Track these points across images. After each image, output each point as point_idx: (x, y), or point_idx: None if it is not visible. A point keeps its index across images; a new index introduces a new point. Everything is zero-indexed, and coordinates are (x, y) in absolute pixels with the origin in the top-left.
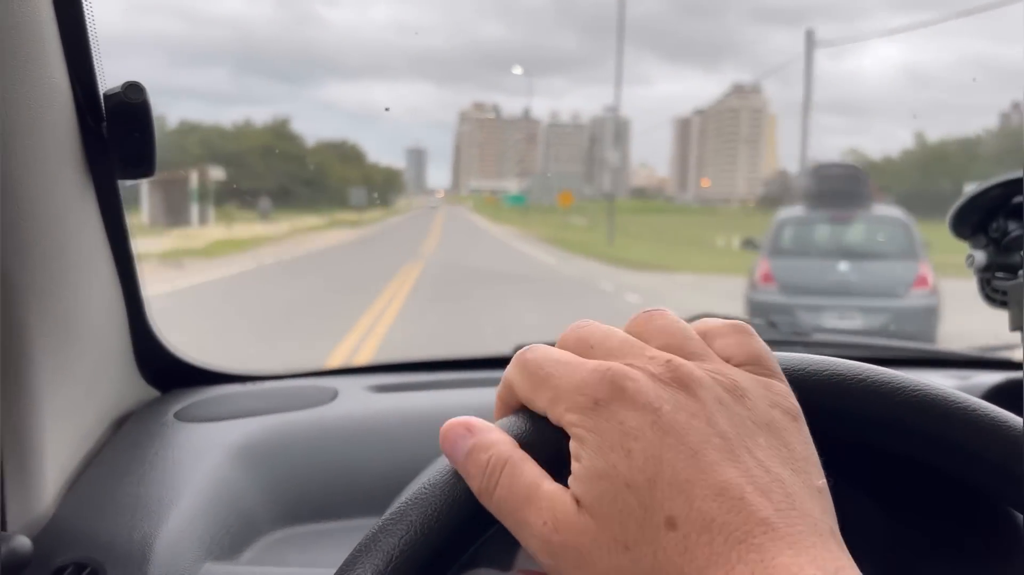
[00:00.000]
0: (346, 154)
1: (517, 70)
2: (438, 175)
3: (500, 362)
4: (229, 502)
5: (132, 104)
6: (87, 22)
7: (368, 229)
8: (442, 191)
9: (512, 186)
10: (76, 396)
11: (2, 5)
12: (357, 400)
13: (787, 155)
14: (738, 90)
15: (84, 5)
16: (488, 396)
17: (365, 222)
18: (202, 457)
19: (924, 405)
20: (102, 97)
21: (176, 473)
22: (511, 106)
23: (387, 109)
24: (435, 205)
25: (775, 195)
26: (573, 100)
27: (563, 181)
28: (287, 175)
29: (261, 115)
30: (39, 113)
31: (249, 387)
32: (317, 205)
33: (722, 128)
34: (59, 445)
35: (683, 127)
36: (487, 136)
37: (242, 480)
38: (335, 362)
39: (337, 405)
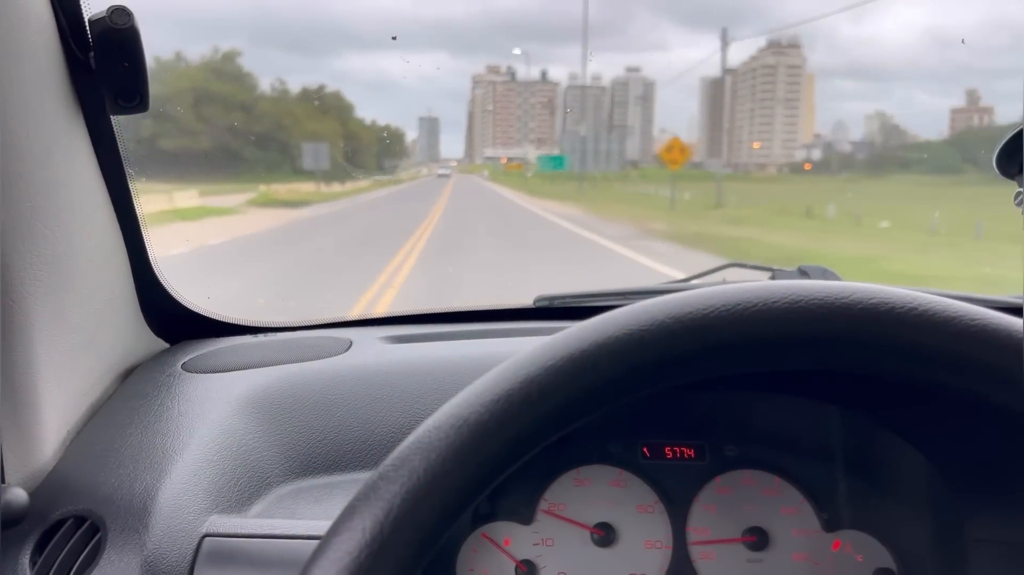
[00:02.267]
0: (323, 104)
1: (516, 51)
2: (452, 146)
3: (518, 313)
4: (237, 454)
5: (119, 30)
6: None
7: (321, 209)
8: (455, 162)
9: (529, 153)
10: (77, 346)
11: None
12: (372, 351)
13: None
14: (774, 45)
15: None
16: (506, 347)
17: (325, 198)
18: (209, 408)
19: (986, 335)
20: (87, 23)
21: (182, 424)
22: (526, 73)
23: (394, 38)
24: (447, 173)
25: (817, 160)
26: (590, 68)
27: (585, 147)
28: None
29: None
30: (17, 37)
31: (261, 338)
32: (254, 171)
33: (756, 88)
34: (59, 397)
35: (713, 89)
36: (502, 101)
37: (251, 432)
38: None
39: (351, 356)
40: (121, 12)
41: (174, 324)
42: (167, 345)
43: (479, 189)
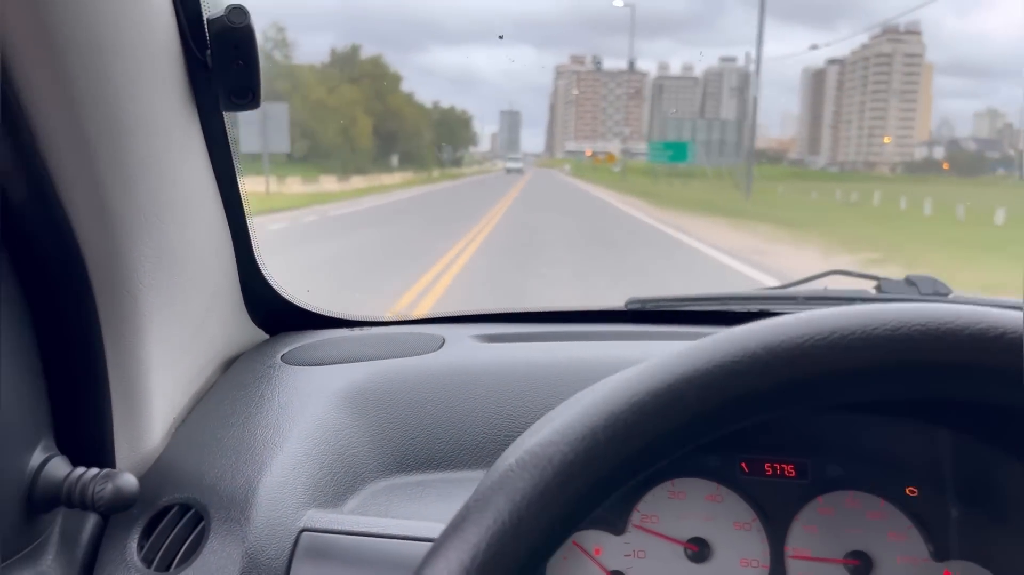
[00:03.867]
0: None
1: (618, 2)
2: (533, 140)
3: (610, 315)
4: (335, 448)
5: (235, 28)
6: None
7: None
8: (532, 155)
9: (613, 147)
10: (185, 335)
11: None
12: (464, 349)
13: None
14: (890, 32)
15: None
16: (598, 351)
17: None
18: (308, 401)
19: None
20: (206, 22)
21: (282, 417)
22: (612, 65)
23: (500, 37)
24: (517, 167)
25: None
26: (680, 60)
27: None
28: None
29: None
30: (142, 37)
31: (356, 332)
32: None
33: (868, 79)
34: (167, 385)
35: (815, 80)
36: (585, 92)
37: (348, 426)
38: None
39: (444, 353)
40: (238, 11)
41: (274, 315)
42: (266, 336)
43: (558, 190)
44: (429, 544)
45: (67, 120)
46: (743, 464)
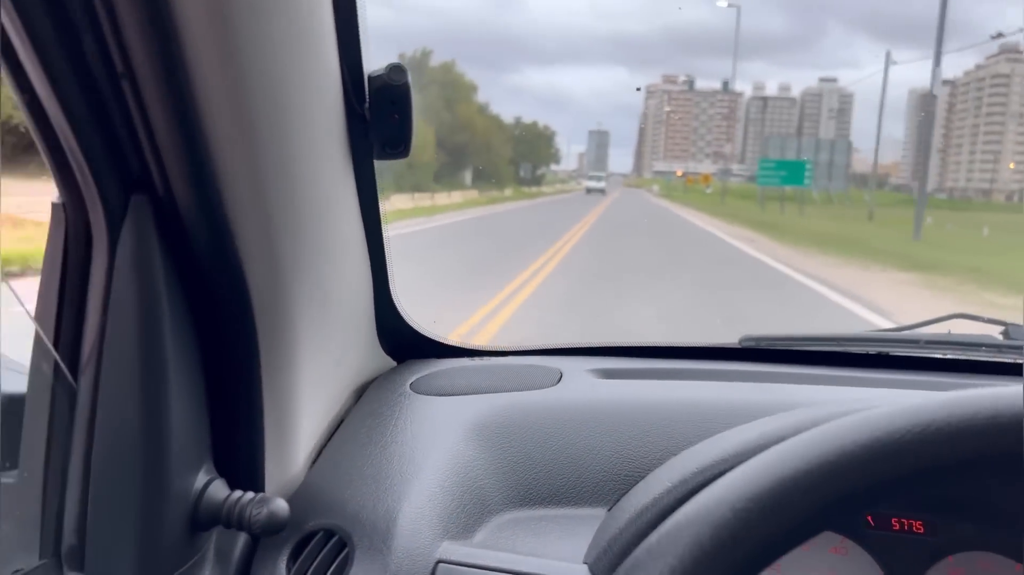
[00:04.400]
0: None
1: (722, 2)
2: (621, 160)
3: (724, 353)
4: (464, 480)
5: (395, 86)
6: (359, 6)
7: None
8: (619, 175)
9: (704, 168)
10: (328, 366)
11: None
12: (582, 384)
13: None
14: (1009, 51)
15: None
16: (714, 392)
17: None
18: (438, 432)
19: None
20: (367, 79)
21: (415, 446)
22: (705, 85)
23: (638, 89)
24: (599, 186)
25: None
26: (776, 80)
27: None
28: None
29: None
30: (313, 97)
31: (476, 362)
32: None
33: (982, 101)
34: (311, 412)
35: (923, 103)
36: (676, 112)
37: (476, 459)
38: None
39: (563, 388)
40: (398, 70)
41: (401, 343)
42: (394, 363)
43: (645, 216)
44: None
45: (248, 172)
46: (869, 518)
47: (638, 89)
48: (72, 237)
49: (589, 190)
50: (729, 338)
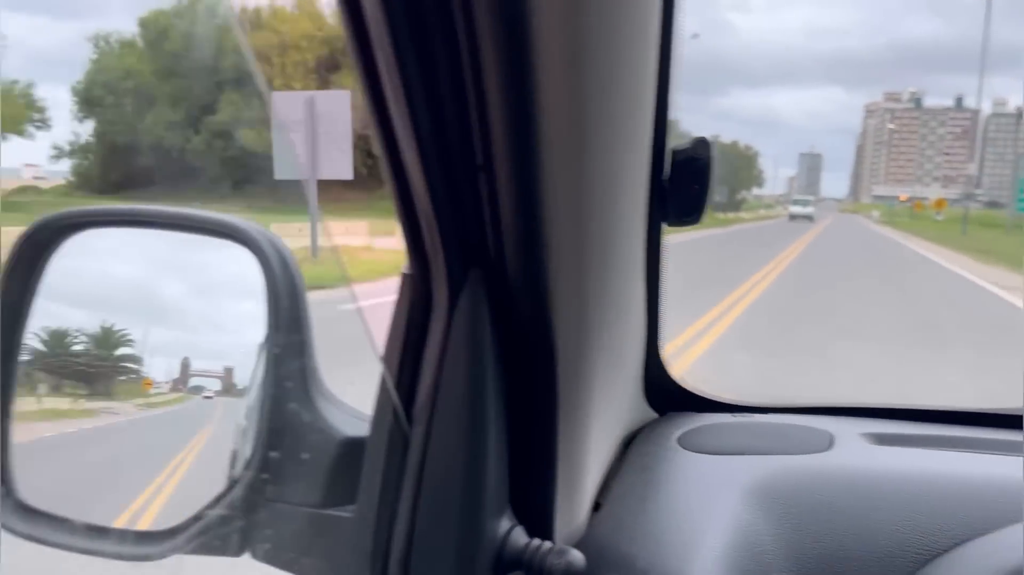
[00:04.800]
0: None
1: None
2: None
3: (1008, 420)
4: (746, 545)
5: (698, 159)
6: (671, 88)
7: None
8: (829, 199)
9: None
10: (608, 419)
11: (619, 72)
12: (857, 450)
13: None
14: None
15: (673, 63)
16: (1004, 468)
17: None
18: (714, 493)
19: None
20: (671, 151)
21: (694, 507)
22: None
23: (696, 35)
24: (806, 212)
25: None
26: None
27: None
28: None
29: None
30: (631, 174)
31: (740, 418)
32: None
33: None
34: (593, 464)
35: None
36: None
37: (755, 524)
38: None
39: (837, 454)
40: (704, 144)
41: (664, 396)
42: (656, 415)
43: (867, 256)
44: None
45: (572, 246)
46: None
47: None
48: (417, 303)
49: (793, 216)
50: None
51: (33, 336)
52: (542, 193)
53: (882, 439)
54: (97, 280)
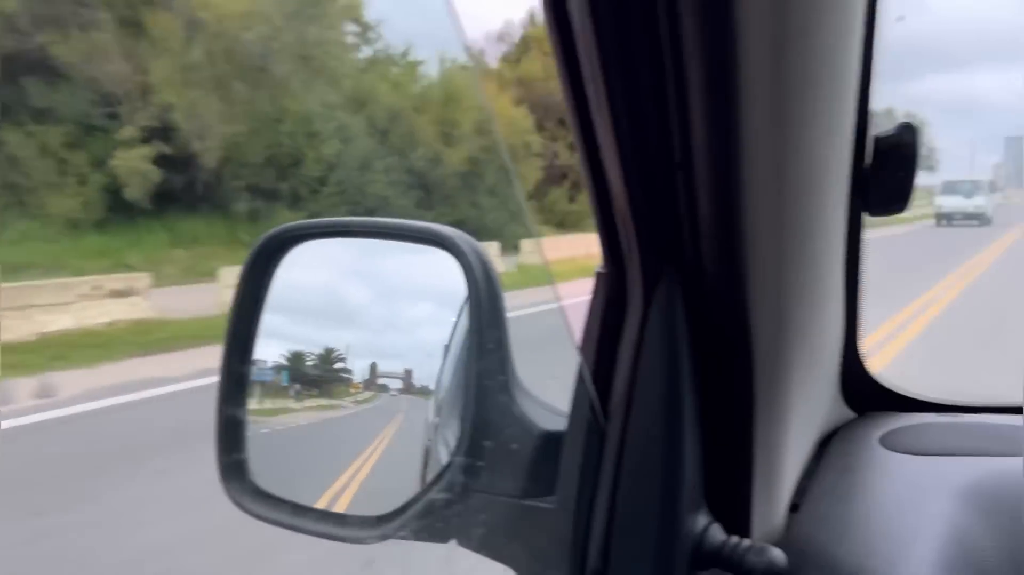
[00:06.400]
0: None
1: None
2: None
3: None
4: (963, 553)
5: (904, 145)
6: (873, 71)
7: None
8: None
9: None
10: (805, 416)
11: (822, 63)
12: None
13: None
14: None
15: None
16: None
17: None
18: (924, 496)
19: None
20: (873, 138)
21: (902, 509)
22: None
23: (901, 18)
24: (974, 209)
25: None
26: None
27: None
28: None
29: None
30: (831, 166)
31: (945, 418)
32: None
33: None
34: (791, 463)
35: None
36: None
37: (974, 529)
38: None
39: None
40: (909, 129)
41: (862, 394)
42: (854, 414)
43: None
44: None
45: (772, 247)
46: None
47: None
48: (612, 300)
49: (943, 218)
50: None
51: (279, 355)
52: (740, 190)
53: None
54: (321, 288)
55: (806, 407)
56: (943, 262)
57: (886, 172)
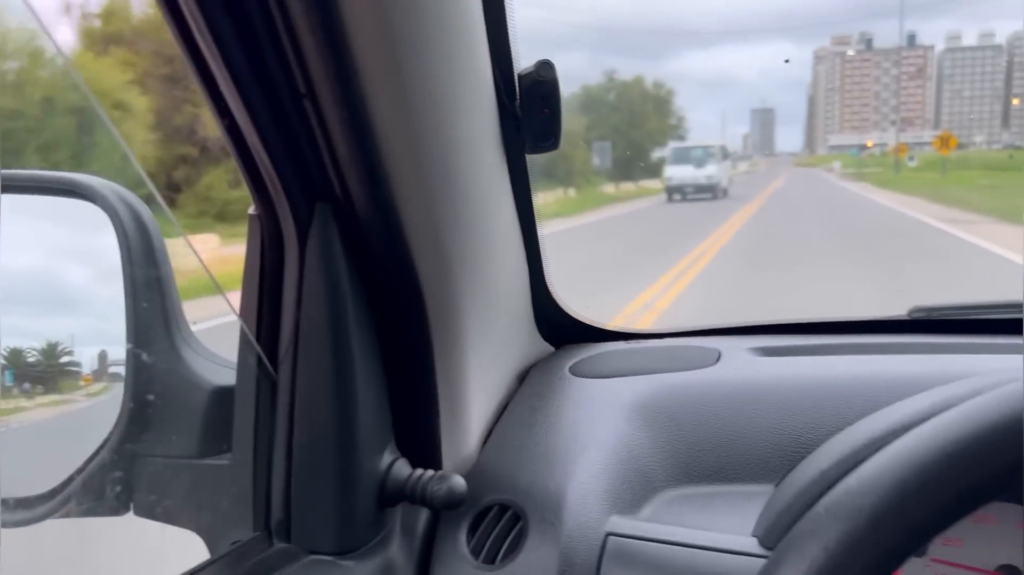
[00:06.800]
0: None
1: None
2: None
3: (892, 326)
4: (628, 458)
5: (544, 81)
6: (507, 6)
7: None
8: (783, 154)
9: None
10: (492, 351)
11: (440, 4)
12: (742, 363)
13: None
14: None
15: None
16: (882, 365)
17: None
18: (600, 413)
19: None
20: (517, 78)
21: (579, 426)
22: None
23: (787, 61)
24: (704, 181)
25: None
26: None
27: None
28: None
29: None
30: (469, 98)
31: (633, 345)
32: None
33: None
34: (480, 396)
35: None
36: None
37: (638, 437)
38: None
39: (722, 367)
40: (547, 66)
41: (558, 329)
42: (552, 349)
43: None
44: (732, 557)
45: (414, 174)
46: None
47: (786, 61)
48: (267, 244)
49: (675, 191)
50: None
51: None
52: (370, 119)
53: (768, 351)
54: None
55: (498, 343)
56: (688, 228)
57: (533, 110)
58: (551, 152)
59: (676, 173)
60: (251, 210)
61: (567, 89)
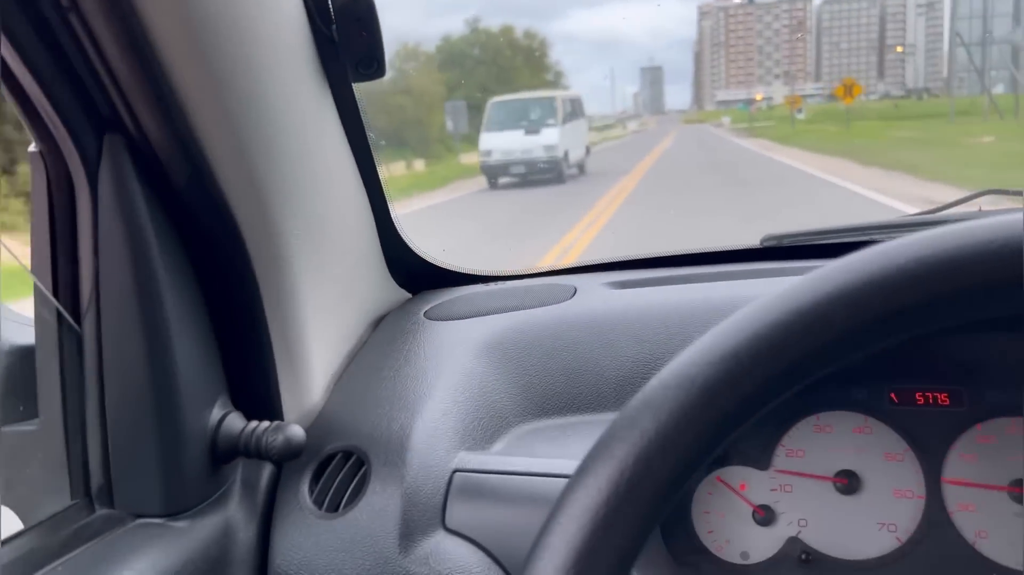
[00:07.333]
0: None
1: None
2: (679, 96)
3: (745, 254)
4: (479, 395)
5: (357, 1)
6: None
7: None
8: (674, 112)
9: (775, 92)
10: (335, 297)
11: None
12: (596, 297)
13: None
14: None
15: None
16: (732, 290)
17: None
18: (451, 353)
19: None
20: (330, 1)
21: (428, 368)
22: None
23: (659, 4)
24: (534, 153)
25: None
26: None
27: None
28: None
29: None
30: (274, 18)
31: (491, 287)
32: None
33: None
34: (323, 344)
35: None
36: (736, 30)
37: (490, 374)
38: None
39: (577, 302)
40: None
41: (414, 276)
42: (409, 295)
43: None
44: None
45: (213, 103)
46: (892, 395)
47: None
48: (54, 183)
49: (497, 173)
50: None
51: None
52: (147, 35)
53: (623, 284)
54: None
55: (342, 289)
56: (589, 196)
57: (350, 33)
58: (405, 114)
59: (498, 143)
60: (32, 147)
61: (432, 45)
